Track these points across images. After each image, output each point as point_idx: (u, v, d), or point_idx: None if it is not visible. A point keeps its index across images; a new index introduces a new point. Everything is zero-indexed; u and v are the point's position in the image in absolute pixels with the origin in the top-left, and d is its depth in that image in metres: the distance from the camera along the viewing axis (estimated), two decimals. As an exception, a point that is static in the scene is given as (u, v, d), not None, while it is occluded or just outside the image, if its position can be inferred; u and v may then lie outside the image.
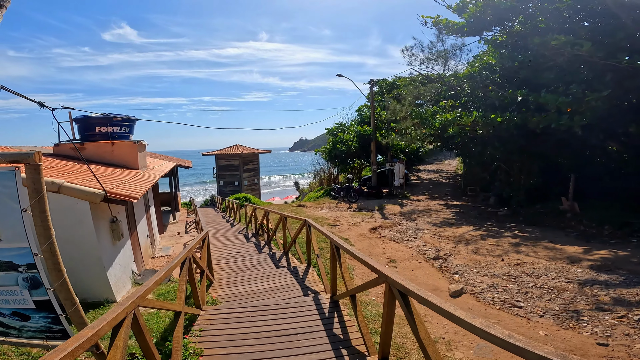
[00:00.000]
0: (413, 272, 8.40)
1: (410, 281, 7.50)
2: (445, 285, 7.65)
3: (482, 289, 7.37)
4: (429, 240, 11.13)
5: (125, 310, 2.71)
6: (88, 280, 6.06)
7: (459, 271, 8.44)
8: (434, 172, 28.68)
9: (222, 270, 7.92)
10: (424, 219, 14.18)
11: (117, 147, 9.58)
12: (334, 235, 5.35)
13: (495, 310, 6.50)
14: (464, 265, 8.79)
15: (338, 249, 5.04)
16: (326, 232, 5.64)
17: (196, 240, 5.46)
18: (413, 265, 8.85)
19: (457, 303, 6.72)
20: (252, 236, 11.72)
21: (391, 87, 30.51)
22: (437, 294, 7.12)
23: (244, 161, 27.46)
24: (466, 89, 16.65)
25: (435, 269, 8.68)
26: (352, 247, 4.79)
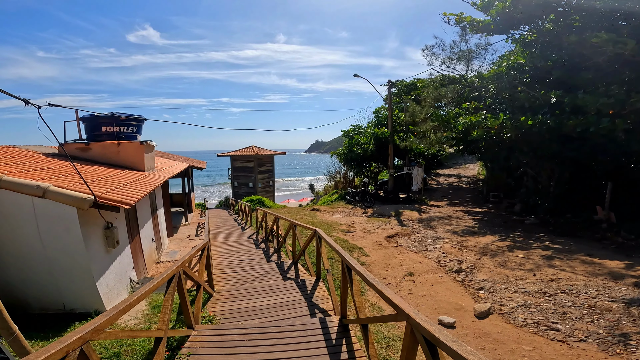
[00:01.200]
0: (433, 287, 7.62)
1: (430, 298, 6.75)
2: (469, 303, 6.85)
3: (512, 308, 6.55)
4: (450, 250, 10.30)
5: (65, 348, 2.10)
6: (76, 290, 5.56)
7: (485, 287, 7.62)
8: (453, 177, 27.57)
9: (226, 280, 7.33)
10: (443, 226, 13.32)
11: (123, 147, 9.15)
12: (346, 253, 4.66)
13: (529, 334, 5.69)
14: (489, 280, 7.96)
15: (350, 270, 4.35)
16: (337, 248, 4.95)
17: (189, 254, 4.85)
18: (433, 279, 8.06)
19: (485, 326, 5.93)
20: (261, 242, 11.13)
21: (409, 88, 29.63)
22: (461, 314, 6.34)
23: (259, 162, 27.03)
24: (491, 90, 15.69)
25: (457, 283, 7.88)
26: (364, 270, 4.09)
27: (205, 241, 5.88)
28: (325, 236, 5.95)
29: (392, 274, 8.26)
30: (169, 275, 3.97)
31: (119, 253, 6.53)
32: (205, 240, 5.92)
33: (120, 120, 9.57)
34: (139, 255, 7.96)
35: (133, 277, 7.21)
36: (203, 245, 5.67)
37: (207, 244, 5.82)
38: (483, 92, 16.78)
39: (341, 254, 4.61)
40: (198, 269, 5.52)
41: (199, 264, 5.53)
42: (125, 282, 6.80)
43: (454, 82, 19.82)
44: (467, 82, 18.89)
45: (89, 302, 5.63)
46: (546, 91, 12.14)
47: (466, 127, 14.10)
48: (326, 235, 6.00)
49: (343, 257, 4.49)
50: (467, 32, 17.87)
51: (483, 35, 17.86)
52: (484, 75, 15.84)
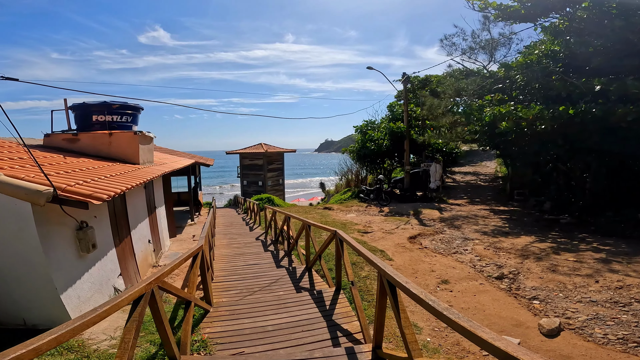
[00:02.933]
0: (476, 297, 6.27)
1: (477, 312, 5.38)
2: (528, 317, 5.48)
3: (584, 322, 5.19)
4: (484, 253, 8.92)
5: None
6: (37, 303, 4.35)
7: (538, 296, 6.26)
8: (470, 174, 26.00)
9: (227, 290, 6.08)
10: (470, 226, 11.91)
11: (115, 138, 7.99)
12: (383, 263, 3.36)
13: (620, 354, 4.34)
14: (542, 287, 6.58)
15: (392, 286, 3.05)
16: (369, 256, 3.64)
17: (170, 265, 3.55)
18: (473, 287, 6.71)
19: (561, 346, 4.57)
20: (270, 243, 9.87)
21: (423, 83, 28.17)
22: (523, 332, 5.00)
23: (269, 160, 25.82)
24: (519, 81, 14.22)
25: (504, 293, 6.51)
26: (420, 289, 2.74)
27: (199, 245, 4.61)
28: (349, 239, 4.65)
29: (423, 282, 6.92)
30: (135, 296, 2.72)
31: (98, 258, 5.32)
32: (199, 245, 4.65)
33: (113, 108, 8.41)
34: (129, 260, 6.76)
35: (119, 285, 6.01)
36: (195, 250, 4.40)
37: (200, 249, 4.56)
38: (508, 83, 15.31)
39: (377, 264, 3.30)
40: (190, 280, 4.25)
41: (191, 274, 4.27)
42: (108, 292, 5.60)
43: (474, 74, 18.35)
44: (489, 73, 17.41)
45: (55, 317, 4.42)
46: (588, 79, 10.73)
47: (494, 119, 12.66)
48: (350, 238, 4.70)
49: (381, 268, 3.19)
50: (491, 19, 16.43)
51: (507, 24, 16.40)
52: (511, 65, 14.36)
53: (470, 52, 16.69)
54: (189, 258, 4.19)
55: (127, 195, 6.85)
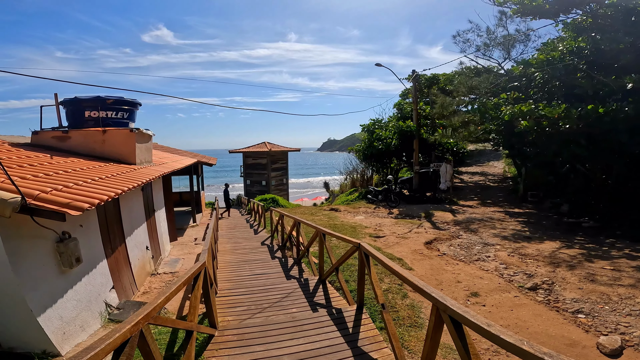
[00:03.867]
0: (514, 313, 5.54)
1: (519, 329, 4.46)
2: (581, 335, 4.77)
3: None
4: (509, 260, 8.19)
5: None
6: (11, 325, 3.65)
7: (582, 309, 5.55)
8: (478, 175, 25.22)
9: (234, 307, 5.35)
10: (487, 230, 11.17)
11: (109, 136, 7.25)
12: (445, 297, 2.60)
13: None
14: (584, 299, 5.87)
15: (458, 324, 2.31)
16: (420, 284, 2.86)
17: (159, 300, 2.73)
18: (507, 301, 5.98)
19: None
20: (277, 249, 9.15)
21: (430, 82, 27.38)
22: (579, 352, 4.29)
23: (272, 159, 25.07)
24: (538, 79, 13.46)
25: (543, 306, 5.79)
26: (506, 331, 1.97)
27: (201, 262, 3.86)
28: (379, 255, 3.91)
29: (450, 295, 6.18)
30: (116, 343, 2.00)
31: (85, 272, 4.60)
32: (202, 261, 3.91)
33: (107, 103, 7.67)
34: (124, 270, 6.05)
35: (112, 300, 5.30)
36: (197, 270, 3.65)
37: (203, 267, 3.81)
38: (524, 81, 14.55)
39: (434, 295, 2.56)
40: (191, 305, 3.52)
41: (192, 298, 3.54)
42: (98, 309, 4.89)
43: (486, 72, 17.60)
44: (505, 71, 16.64)
45: (33, 339, 3.72)
46: (617, 76, 10.01)
47: (512, 118, 11.90)
48: (379, 254, 3.96)
49: (440, 302, 2.45)
50: (508, 15, 15.68)
51: (523, 21, 15.67)
52: (530, 62, 13.58)
53: (484, 48, 15.91)
54: (189, 281, 3.45)
55: (121, 200, 6.14)
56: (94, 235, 4.98)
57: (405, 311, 5.48)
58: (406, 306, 5.65)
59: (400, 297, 5.86)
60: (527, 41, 16.20)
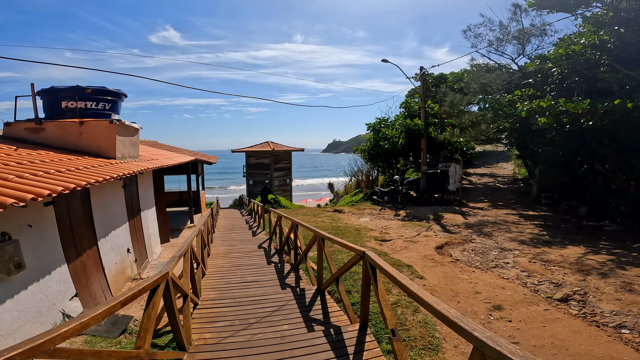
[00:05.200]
0: (547, 329, 4.64)
1: (557, 350, 3.36)
2: (633, 355, 3.89)
3: None
4: (531, 267, 7.28)
5: None
6: None
7: (625, 323, 4.68)
8: (486, 176, 24.20)
9: (214, 321, 4.50)
10: (502, 233, 10.24)
11: (87, 127, 6.47)
12: (501, 341, 1.71)
13: None
14: (624, 312, 4.99)
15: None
16: (459, 321, 2.00)
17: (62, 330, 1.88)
18: (537, 314, 5.08)
19: None
20: (274, 253, 8.30)
21: (438, 81, 26.48)
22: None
23: (275, 159, 24.26)
24: (555, 74, 12.53)
25: (580, 321, 4.90)
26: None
27: (160, 275, 2.99)
28: (391, 269, 3.03)
29: (469, 308, 5.29)
30: None
31: (33, 279, 3.81)
32: (162, 273, 3.04)
33: (86, 93, 6.89)
34: (93, 276, 5.24)
35: (72, 309, 4.49)
36: (151, 284, 2.76)
37: (164, 279, 2.95)
38: (540, 77, 13.61)
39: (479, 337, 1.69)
40: (142, 327, 2.67)
41: (145, 318, 2.69)
42: (51, 320, 4.10)
43: (499, 68, 16.67)
44: (518, 67, 15.69)
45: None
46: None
47: (530, 115, 10.97)
48: (392, 268, 3.08)
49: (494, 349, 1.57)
50: (523, 8, 14.76)
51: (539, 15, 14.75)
52: (548, 56, 12.65)
53: (497, 43, 14.96)
54: (135, 297, 2.58)
55: (93, 197, 5.35)
56: (49, 237, 4.18)
57: (417, 329, 4.60)
58: (418, 323, 4.77)
59: (410, 312, 4.99)
60: (543, 36, 15.22)
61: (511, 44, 15.07)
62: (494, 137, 16.44)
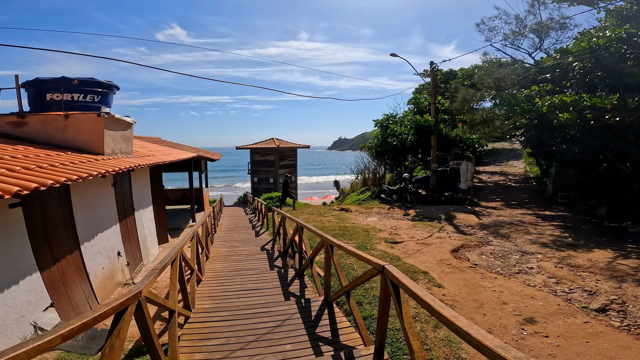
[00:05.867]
0: (591, 345, 4.01)
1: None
2: None
3: None
4: (558, 273, 6.60)
5: None
6: None
7: None
8: (497, 174, 23.40)
9: (207, 339, 3.91)
10: (520, 235, 9.55)
11: (72, 121, 5.90)
12: None
13: None
14: (675, 327, 4.31)
15: None
16: None
17: None
18: (576, 328, 4.42)
19: None
20: (278, 256, 7.70)
21: (447, 77, 25.62)
22: None
23: (280, 156, 23.66)
24: (577, 68, 11.78)
25: (625, 334, 4.28)
26: None
27: (133, 294, 2.38)
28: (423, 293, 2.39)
29: (496, 322, 4.64)
30: None
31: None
32: (135, 291, 2.43)
33: (73, 84, 6.33)
34: (75, 283, 4.68)
35: (46, 321, 3.94)
36: (111, 309, 2.15)
37: (134, 300, 2.35)
38: (559, 72, 12.83)
39: None
40: None
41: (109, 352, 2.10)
42: (19, 333, 3.57)
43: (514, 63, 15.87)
44: (534, 61, 14.89)
45: None
46: None
47: (550, 110, 10.25)
48: (419, 288, 2.45)
49: None
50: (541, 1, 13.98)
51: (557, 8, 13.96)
52: (570, 50, 11.90)
53: (513, 37, 14.17)
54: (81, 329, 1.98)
55: (74, 197, 4.78)
56: (16, 242, 3.62)
57: (441, 349, 3.98)
58: (440, 341, 4.14)
59: (431, 328, 4.36)
60: (563, 29, 14.39)
61: (528, 37, 14.28)
62: (509, 134, 15.67)
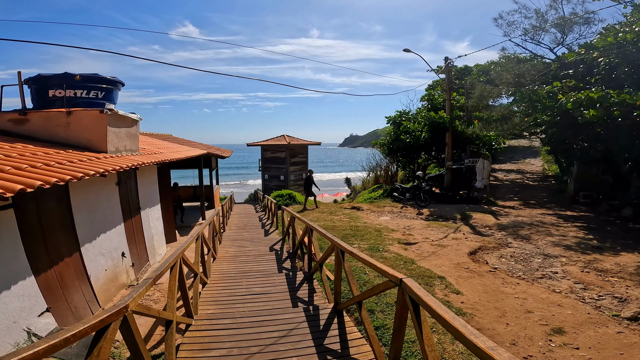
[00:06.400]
0: (625, 359, 3.62)
1: None
2: None
3: None
4: (585, 278, 6.17)
5: None
6: None
7: None
8: (513, 173, 22.67)
9: (208, 349, 3.64)
10: (542, 237, 9.06)
11: (75, 118, 5.71)
12: None
13: None
14: None
15: None
16: None
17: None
18: (609, 339, 4.03)
19: None
20: (287, 257, 7.42)
21: (462, 73, 24.91)
22: None
23: (291, 153, 23.40)
24: (602, 64, 11.19)
25: None
26: None
27: (118, 309, 2.10)
28: (447, 313, 2.06)
29: (521, 332, 4.26)
30: None
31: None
32: (120, 305, 2.15)
33: (76, 80, 6.14)
34: (74, 286, 4.49)
35: (42, 327, 3.75)
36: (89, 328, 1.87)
37: (118, 316, 2.08)
38: (582, 68, 12.21)
39: None
40: None
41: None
42: (12, 340, 3.39)
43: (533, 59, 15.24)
44: (555, 57, 14.24)
45: None
46: None
47: (575, 107, 9.72)
48: (443, 308, 2.12)
49: None
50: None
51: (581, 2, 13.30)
52: (596, 45, 11.30)
53: (533, 32, 13.54)
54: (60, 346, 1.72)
55: (72, 197, 4.57)
56: (7, 246, 3.41)
57: (461, 366, 3.65)
58: (459, 355, 3.80)
59: (449, 341, 4.02)
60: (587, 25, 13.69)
61: (549, 32, 13.65)
62: (528, 131, 15.08)
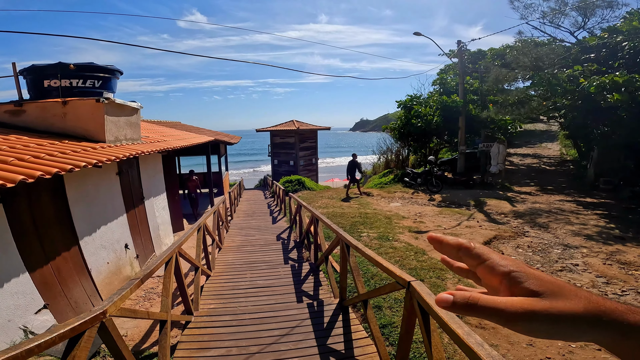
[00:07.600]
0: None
1: None
2: None
3: None
4: (608, 271, 5.82)
5: None
6: None
7: None
8: (529, 157, 21.95)
9: (207, 348, 3.47)
10: (561, 225, 8.65)
11: (71, 107, 5.51)
12: None
13: None
14: None
15: None
16: None
17: None
18: None
19: None
20: (293, 247, 7.22)
21: (476, 58, 23.90)
22: None
23: (301, 138, 23.07)
24: (627, 47, 10.49)
25: None
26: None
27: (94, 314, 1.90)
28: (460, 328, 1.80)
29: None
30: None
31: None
32: (97, 311, 1.94)
33: (71, 70, 5.92)
34: (74, 281, 4.36)
35: (39, 324, 3.63)
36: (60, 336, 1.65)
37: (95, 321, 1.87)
38: (605, 52, 11.48)
39: None
40: None
41: None
42: (8, 338, 3.25)
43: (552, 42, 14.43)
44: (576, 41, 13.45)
45: None
46: None
47: (598, 91, 9.14)
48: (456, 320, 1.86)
49: None
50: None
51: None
52: (620, 29, 10.57)
53: (552, 14, 12.74)
54: None
55: (68, 189, 4.40)
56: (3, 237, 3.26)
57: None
58: (471, 357, 3.56)
59: (463, 341, 3.77)
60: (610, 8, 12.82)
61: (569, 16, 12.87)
62: (546, 115, 14.42)
